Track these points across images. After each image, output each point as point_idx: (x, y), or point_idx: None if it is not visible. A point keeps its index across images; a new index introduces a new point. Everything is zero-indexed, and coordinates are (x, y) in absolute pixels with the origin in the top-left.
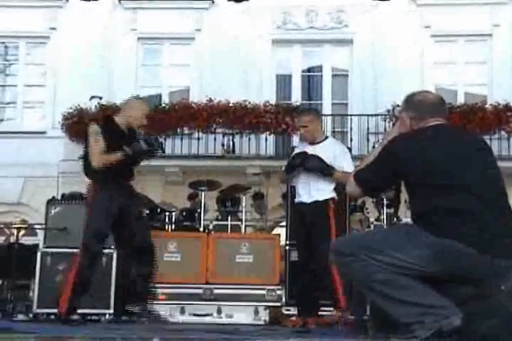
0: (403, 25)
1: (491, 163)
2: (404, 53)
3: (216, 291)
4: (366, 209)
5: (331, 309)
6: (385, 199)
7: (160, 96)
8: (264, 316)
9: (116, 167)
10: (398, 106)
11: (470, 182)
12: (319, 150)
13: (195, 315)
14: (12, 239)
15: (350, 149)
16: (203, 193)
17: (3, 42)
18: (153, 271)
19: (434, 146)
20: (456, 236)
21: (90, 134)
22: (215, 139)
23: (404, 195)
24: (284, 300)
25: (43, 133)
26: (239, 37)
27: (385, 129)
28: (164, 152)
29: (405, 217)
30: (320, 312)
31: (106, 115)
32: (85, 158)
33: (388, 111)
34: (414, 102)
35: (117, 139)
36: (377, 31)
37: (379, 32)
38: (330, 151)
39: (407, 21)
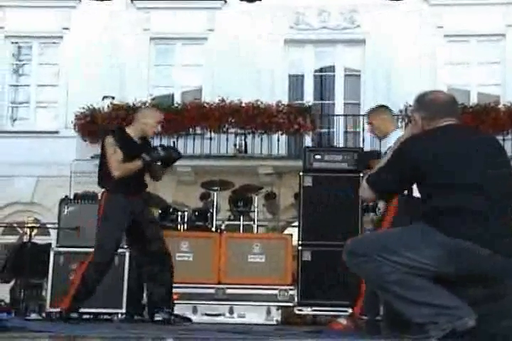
0: (416, 25)
1: (502, 163)
2: (417, 53)
3: (228, 291)
4: (378, 209)
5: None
6: None
7: (172, 96)
8: (276, 316)
9: (129, 177)
10: (410, 106)
11: (478, 181)
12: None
13: (207, 314)
14: (25, 238)
15: (362, 149)
16: (215, 193)
17: (16, 43)
18: (171, 276)
19: (444, 146)
20: (469, 236)
21: (107, 146)
22: (227, 139)
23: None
24: (296, 300)
25: (56, 132)
26: (251, 37)
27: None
28: (181, 157)
29: None
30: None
31: (118, 127)
32: (101, 168)
33: (400, 111)
34: (425, 102)
35: (130, 150)
36: (389, 31)
37: (391, 32)
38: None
39: (420, 21)
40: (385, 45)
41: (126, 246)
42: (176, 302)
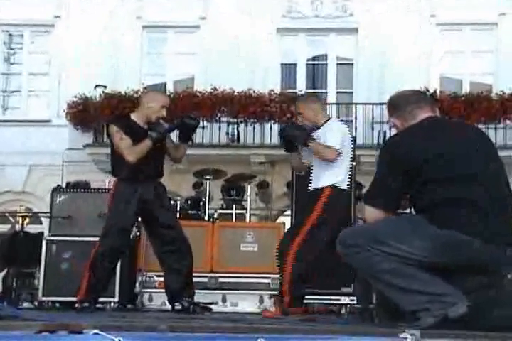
0: (409, 14)
1: (496, 155)
2: (410, 42)
3: (221, 280)
4: None
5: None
6: None
7: (164, 84)
8: (268, 305)
9: (140, 163)
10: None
11: (473, 172)
12: (320, 132)
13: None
14: (17, 227)
15: (354, 138)
16: (207, 182)
17: (7, 31)
18: (191, 264)
19: (432, 139)
20: (459, 227)
21: (112, 134)
22: (219, 128)
23: None
24: None
25: (48, 121)
26: (244, 25)
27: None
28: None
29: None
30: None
31: (123, 114)
32: (112, 157)
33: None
34: (393, 102)
35: (137, 135)
36: (382, 20)
37: (384, 21)
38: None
39: (413, 10)
40: (377, 34)
41: None
42: None
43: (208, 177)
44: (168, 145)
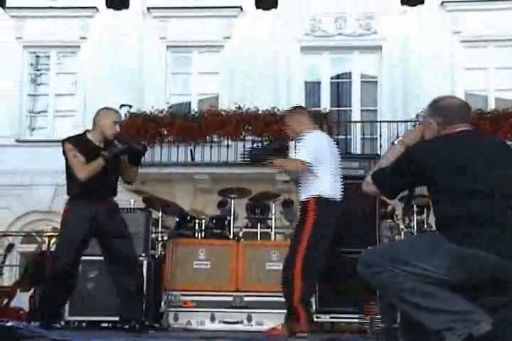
0: (432, 30)
1: (508, 165)
2: (434, 59)
3: (246, 299)
4: (396, 216)
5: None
6: (415, 206)
7: (189, 104)
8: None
9: (93, 182)
10: (422, 112)
11: (492, 188)
12: (298, 144)
13: (225, 322)
14: (44, 247)
15: (379, 155)
16: (232, 201)
17: (34, 52)
18: (140, 286)
19: (460, 152)
20: (479, 244)
21: (67, 152)
22: (244, 146)
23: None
24: (314, 307)
25: None
26: (267, 44)
27: None
28: (145, 149)
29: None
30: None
31: (79, 133)
32: (66, 175)
33: (417, 115)
34: (440, 107)
35: (91, 153)
36: (406, 37)
37: (408, 38)
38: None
39: (437, 27)
40: (401, 51)
41: (143, 255)
42: (193, 310)
43: (232, 195)
44: (122, 166)
